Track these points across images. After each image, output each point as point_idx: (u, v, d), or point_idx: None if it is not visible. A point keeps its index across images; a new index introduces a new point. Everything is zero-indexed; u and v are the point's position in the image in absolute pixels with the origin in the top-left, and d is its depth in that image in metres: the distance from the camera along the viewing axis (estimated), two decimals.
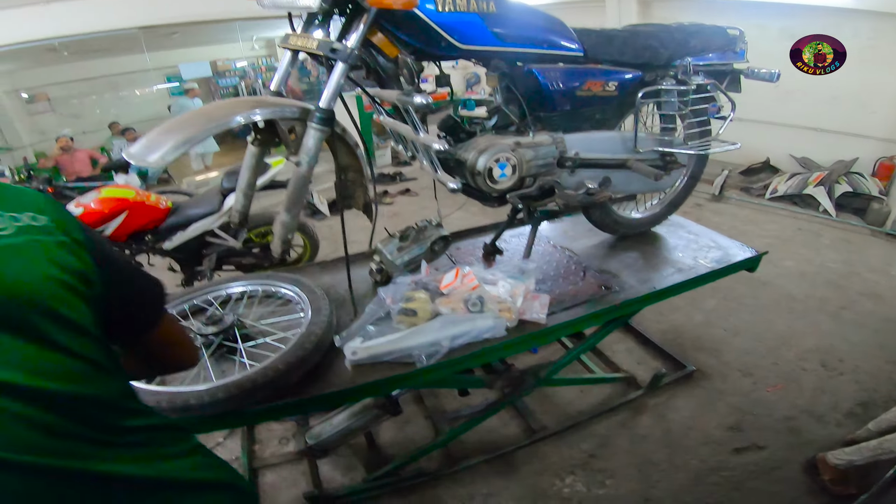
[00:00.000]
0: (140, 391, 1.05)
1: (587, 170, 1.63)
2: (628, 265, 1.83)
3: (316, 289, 1.44)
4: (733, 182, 4.91)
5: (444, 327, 1.33)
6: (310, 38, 1.26)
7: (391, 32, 1.31)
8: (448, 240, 1.70)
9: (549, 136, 1.55)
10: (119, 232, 2.55)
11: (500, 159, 1.45)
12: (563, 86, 1.53)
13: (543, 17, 1.54)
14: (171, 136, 0.96)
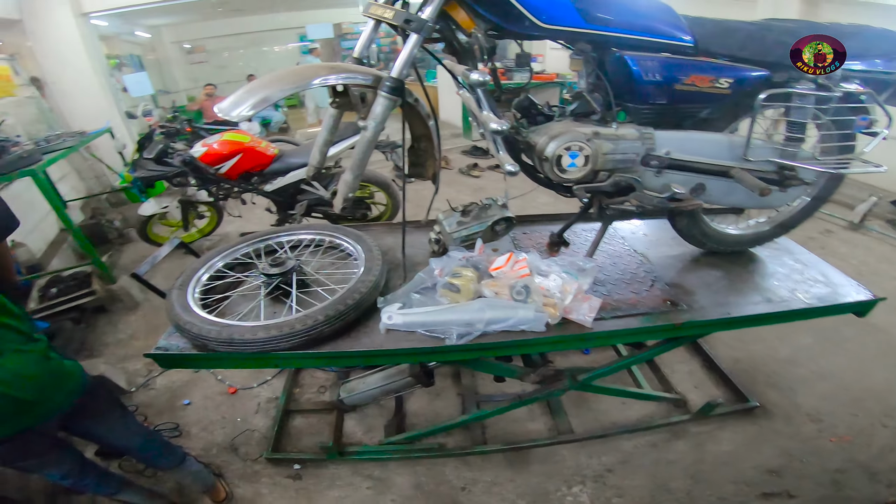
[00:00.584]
0: (199, 319, 1.24)
1: (679, 173, 1.51)
2: (707, 284, 1.69)
3: (374, 248, 1.54)
4: (880, 212, 4.12)
5: (482, 310, 1.35)
6: (388, 8, 1.29)
7: (469, 6, 1.30)
8: (512, 221, 1.69)
9: (635, 130, 1.46)
10: (232, 171, 2.93)
11: (572, 147, 1.39)
12: (659, 77, 1.42)
13: (646, 1, 1.45)
14: (252, 95, 1.09)
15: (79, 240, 3.28)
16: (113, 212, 4.62)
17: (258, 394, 2.37)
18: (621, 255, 1.85)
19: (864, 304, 1.63)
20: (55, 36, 4.81)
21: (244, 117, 1.08)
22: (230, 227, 4.13)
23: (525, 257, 1.50)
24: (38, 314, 2.88)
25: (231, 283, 1.50)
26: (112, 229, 4.25)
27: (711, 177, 1.53)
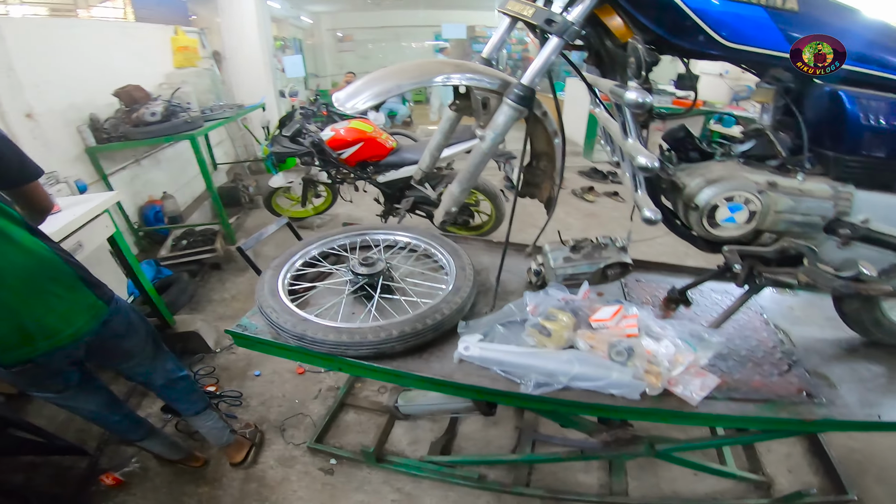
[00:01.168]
0: (281, 306, 1.27)
1: (873, 248, 1.23)
2: (860, 379, 1.40)
3: (467, 266, 1.47)
4: None
5: (571, 362, 1.20)
6: (527, 4, 1.16)
7: (627, 12, 1.12)
8: (628, 268, 1.50)
9: (828, 187, 1.19)
10: (352, 157, 3.12)
11: (735, 199, 1.16)
12: (884, 123, 1.14)
13: (878, 27, 1.18)
14: (368, 88, 1.06)
15: (214, 201, 3.72)
16: (250, 178, 5.21)
17: (322, 379, 2.45)
18: (755, 328, 1.57)
19: None
20: (238, 13, 5.54)
21: (358, 110, 1.06)
22: (341, 209, 4.41)
23: (636, 314, 1.31)
24: (165, 261, 3.34)
25: (321, 273, 1.54)
26: (245, 194, 4.79)
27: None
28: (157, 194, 3.97)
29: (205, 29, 5.52)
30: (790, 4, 1.07)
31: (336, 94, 1.11)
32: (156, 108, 3.32)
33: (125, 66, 3.86)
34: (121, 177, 3.62)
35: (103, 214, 2.17)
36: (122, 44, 3.95)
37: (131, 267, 2.34)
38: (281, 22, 8.40)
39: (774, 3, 1.06)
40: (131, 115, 3.29)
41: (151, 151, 4.03)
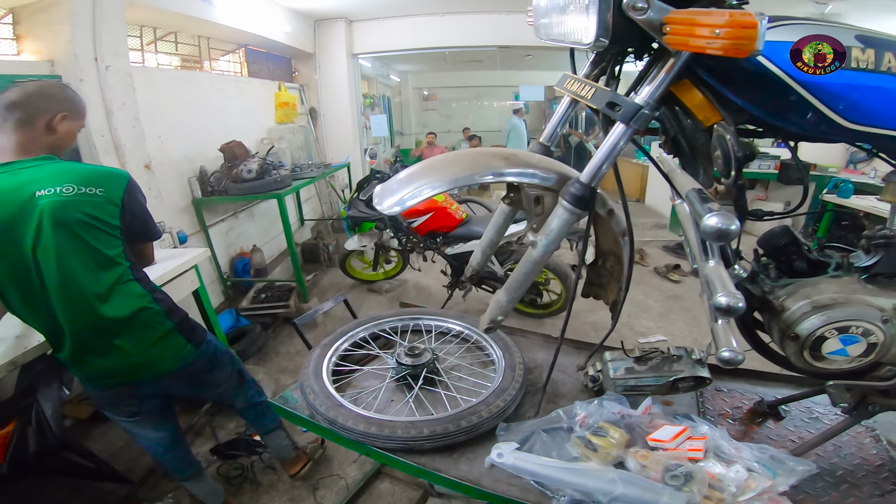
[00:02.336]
0: (319, 387, 1.37)
1: None
2: None
3: (517, 366, 1.48)
4: None
5: (614, 482, 1.14)
6: (587, 83, 1.07)
7: (712, 88, 0.99)
8: (705, 382, 1.39)
9: None
10: (421, 227, 3.29)
11: (850, 330, 1.01)
12: None
13: None
14: (403, 188, 1.05)
15: (292, 259, 4.09)
16: (331, 237, 5.67)
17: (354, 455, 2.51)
18: (861, 446, 1.38)
19: None
20: (333, 71, 6.23)
21: (394, 212, 1.07)
22: (410, 275, 4.62)
23: (706, 435, 1.23)
24: (245, 311, 3.70)
25: (368, 355, 1.64)
26: (325, 252, 5.20)
27: None
28: (248, 246, 4.46)
29: (304, 86, 6.25)
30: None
31: (376, 189, 1.11)
32: (252, 166, 3.77)
33: (235, 119, 4.44)
34: (219, 228, 4.12)
35: (191, 270, 2.49)
36: (234, 97, 4.54)
37: (209, 318, 2.65)
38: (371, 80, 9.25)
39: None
40: (232, 171, 3.76)
41: (248, 205, 4.56)
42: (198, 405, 2.77)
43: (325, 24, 6.04)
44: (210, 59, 4.65)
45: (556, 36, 1.06)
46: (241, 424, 2.65)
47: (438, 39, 6.18)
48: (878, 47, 0.89)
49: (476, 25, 5.96)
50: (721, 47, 0.78)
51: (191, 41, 4.38)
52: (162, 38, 4.00)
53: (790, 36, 0.89)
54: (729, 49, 0.78)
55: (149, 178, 3.11)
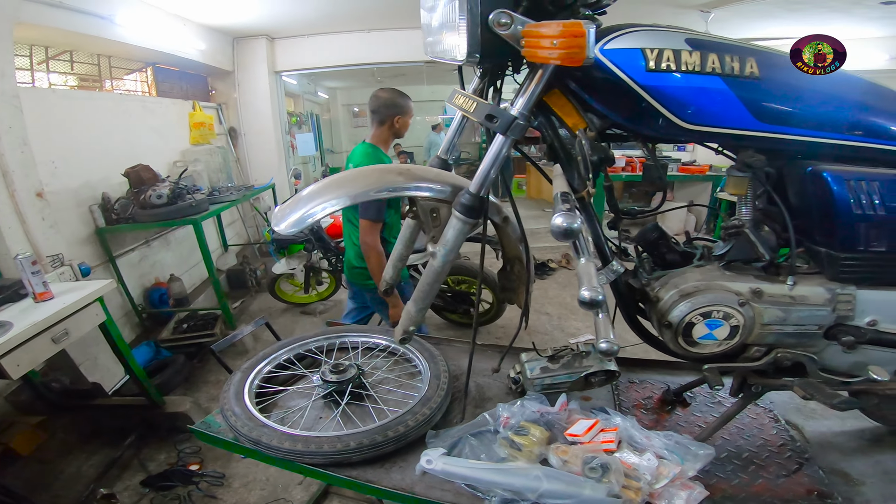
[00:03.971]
0: (241, 409, 1.39)
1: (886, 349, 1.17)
2: (889, 472, 1.42)
3: (443, 374, 1.57)
4: None
5: (539, 479, 1.24)
6: (471, 98, 1.14)
7: (578, 97, 1.09)
8: (614, 375, 1.54)
9: (825, 290, 1.14)
10: None
11: (713, 314, 1.12)
12: (881, 209, 1.06)
13: (862, 86, 1.13)
14: (297, 209, 1.09)
15: (216, 289, 4.02)
16: (258, 261, 5.57)
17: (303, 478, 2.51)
18: (762, 425, 1.55)
19: None
20: (254, 88, 6.19)
21: (291, 233, 1.10)
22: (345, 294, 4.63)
23: (616, 426, 1.36)
24: (165, 343, 3.61)
25: (293, 375, 1.67)
26: (253, 277, 5.10)
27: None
28: (165, 276, 4.31)
29: (222, 104, 6.15)
30: (750, 70, 1.02)
31: (274, 210, 1.20)
32: (162, 191, 3.67)
33: (143, 141, 4.32)
34: (129, 258, 3.97)
35: (94, 303, 2.41)
36: (141, 118, 4.41)
37: (121, 352, 2.61)
38: (297, 97, 9.22)
39: (733, 70, 1.02)
40: (139, 197, 3.64)
41: (161, 233, 4.42)
42: (121, 438, 2.70)
43: (244, 41, 6.02)
44: (113, 78, 4.51)
45: (438, 53, 1.15)
46: (172, 455, 2.61)
47: (365, 56, 6.32)
48: (704, 49, 1.01)
49: (402, 41, 6.16)
50: (558, 57, 0.89)
51: (89, 60, 4.23)
52: (54, 57, 3.84)
53: (635, 43, 1.01)
54: (565, 58, 0.89)
55: (42, 207, 2.95)
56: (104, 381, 3.07)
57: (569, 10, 1.03)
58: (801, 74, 1.04)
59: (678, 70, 0.99)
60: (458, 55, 1.04)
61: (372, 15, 5.55)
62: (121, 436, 2.72)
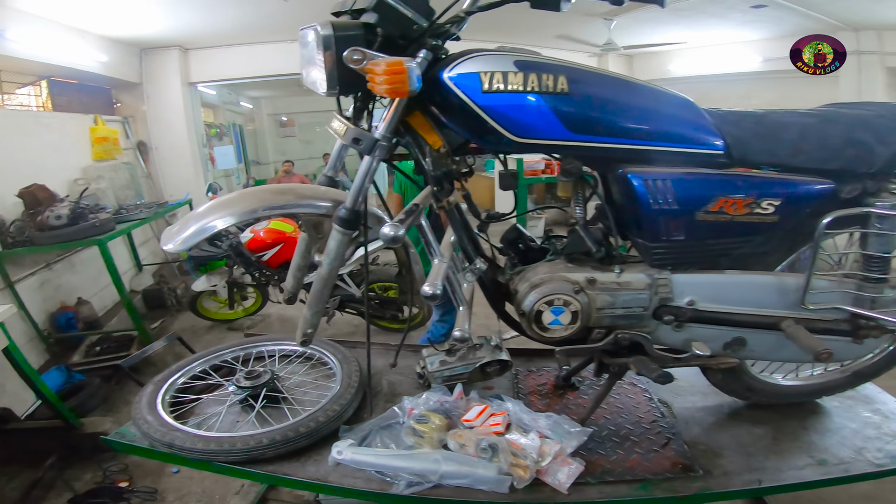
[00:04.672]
0: (155, 417, 1.47)
1: (709, 326, 1.38)
2: (742, 444, 1.58)
3: (354, 374, 1.71)
4: None
5: (438, 461, 1.40)
6: (342, 121, 1.27)
7: (435, 117, 1.25)
8: (508, 364, 1.74)
9: (645, 276, 1.33)
10: (272, 260, 3.44)
11: (555, 302, 1.30)
12: (674, 204, 1.24)
13: (654, 95, 1.31)
14: (186, 228, 1.20)
15: (128, 309, 3.94)
16: (178, 280, 5.44)
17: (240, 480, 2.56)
18: (638, 405, 1.76)
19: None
20: (165, 100, 6.01)
21: (177, 251, 1.22)
22: (273, 308, 4.66)
23: (504, 411, 1.55)
24: (78, 366, 3.56)
25: (209, 385, 1.75)
26: (172, 297, 5.00)
27: (755, 330, 1.38)
28: (71, 300, 4.14)
29: (129, 118, 5.94)
30: (561, 87, 1.16)
31: (165, 230, 1.27)
32: (61, 211, 3.54)
33: (39, 160, 4.13)
34: (29, 283, 3.80)
35: None
36: (35, 135, 4.22)
37: (29, 377, 2.59)
38: (216, 108, 9.02)
39: (548, 87, 1.15)
40: (36, 219, 3.49)
41: (64, 255, 4.23)
42: (41, 460, 2.64)
43: (154, 52, 5.87)
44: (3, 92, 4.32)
45: (309, 85, 1.29)
46: (98, 475, 2.59)
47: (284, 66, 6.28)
48: (527, 69, 1.15)
49: None
50: (385, 91, 1.06)
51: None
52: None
53: (474, 67, 1.16)
54: (390, 92, 1.06)
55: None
56: (14, 406, 3.00)
57: (418, 44, 1.18)
58: (603, 88, 1.25)
59: (506, 90, 1.15)
60: (321, 88, 1.19)
61: (294, 26, 5.58)
62: (40, 458, 2.65)
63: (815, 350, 1.27)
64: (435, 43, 1.17)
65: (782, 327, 1.33)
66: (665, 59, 7.44)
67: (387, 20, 1.16)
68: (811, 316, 1.35)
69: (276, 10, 4.66)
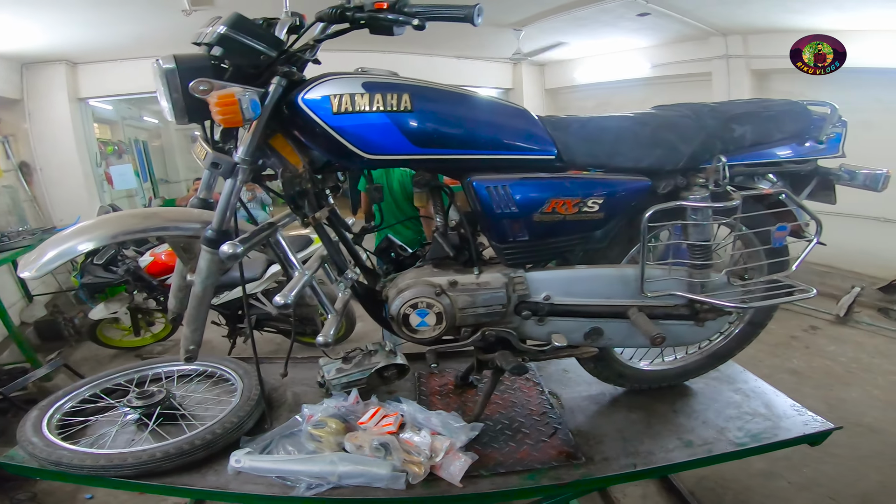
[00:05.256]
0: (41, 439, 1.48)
1: (567, 319, 1.53)
2: (623, 429, 1.74)
3: (254, 388, 1.75)
4: (868, 301, 4.47)
5: (335, 463, 1.49)
6: (204, 146, 1.32)
7: (295, 138, 1.33)
8: (405, 368, 1.84)
9: (501, 276, 1.47)
10: None
11: (419, 305, 1.40)
12: (512, 207, 1.37)
13: (491, 107, 1.42)
14: (44, 254, 1.23)
15: (17, 342, 3.73)
16: (75, 309, 5.15)
17: (165, 498, 2.46)
18: (531, 398, 1.89)
19: (816, 435, 1.68)
20: (51, 118, 5.68)
21: (35, 277, 1.24)
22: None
23: (397, 412, 1.65)
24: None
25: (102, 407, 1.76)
26: (69, 326, 4.75)
27: (609, 319, 1.53)
28: None
29: (9, 137, 5.54)
30: (405, 105, 1.25)
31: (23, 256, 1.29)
32: None
33: None
34: None
35: None
36: None
37: None
38: (114, 125, 8.57)
39: (393, 106, 1.24)
40: None
41: None
42: None
43: (37, 67, 5.54)
44: None
45: (166, 115, 1.31)
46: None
47: None
48: (374, 90, 1.25)
49: None
50: (221, 121, 1.14)
51: None
52: None
53: (325, 91, 1.25)
54: (226, 122, 1.14)
55: None
56: None
57: (270, 71, 1.26)
58: (444, 104, 1.34)
59: (354, 111, 1.24)
60: (170, 117, 1.26)
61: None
62: None
63: (650, 334, 1.42)
64: (287, 69, 1.25)
65: (628, 315, 1.48)
66: (571, 68, 7.91)
67: (233, 52, 1.25)
68: (652, 303, 1.51)
69: (176, 22, 4.57)
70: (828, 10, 4.43)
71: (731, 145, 1.48)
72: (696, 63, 6.04)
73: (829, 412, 2.83)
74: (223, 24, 1.24)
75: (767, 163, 1.54)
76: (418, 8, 1.18)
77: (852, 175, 1.56)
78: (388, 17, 1.18)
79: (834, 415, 2.76)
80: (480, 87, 8.56)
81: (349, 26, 1.25)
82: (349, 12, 1.23)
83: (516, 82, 8.55)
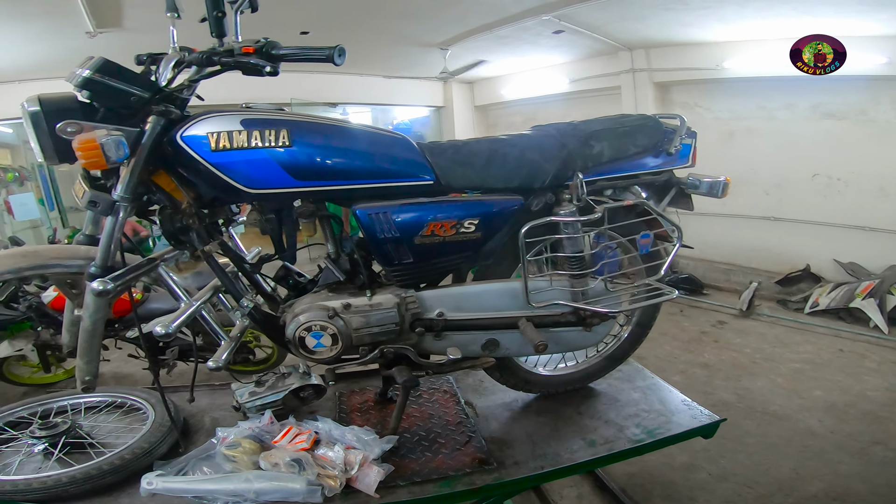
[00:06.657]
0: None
1: (463, 333, 1.64)
2: (532, 433, 1.86)
3: (164, 417, 1.81)
4: (768, 293, 5.06)
5: (251, 480, 1.59)
6: (82, 185, 1.35)
7: (177, 173, 1.39)
8: (321, 388, 1.92)
9: (392, 297, 1.57)
10: None
11: (314, 328, 1.48)
12: (394, 232, 1.47)
13: (370, 138, 1.51)
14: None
15: None
16: None
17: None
18: (447, 409, 2.01)
19: (705, 427, 1.85)
20: None
21: None
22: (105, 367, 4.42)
23: (310, 430, 1.74)
24: None
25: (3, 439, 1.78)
26: None
27: (502, 330, 1.65)
28: None
29: None
30: (283, 141, 1.34)
31: None
32: None
33: None
34: None
35: None
36: None
37: None
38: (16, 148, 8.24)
39: (271, 142, 1.33)
40: None
41: None
42: None
43: None
44: None
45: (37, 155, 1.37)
46: None
47: None
48: (252, 127, 1.33)
49: None
50: (86, 164, 1.20)
51: None
52: None
53: (204, 129, 1.32)
54: (90, 165, 1.19)
55: None
56: None
57: (145, 111, 1.32)
58: (322, 137, 1.43)
59: (232, 148, 1.32)
60: (38, 158, 1.32)
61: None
62: None
63: (534, 342, 1.54)
64: (164, 108, 1.32)
65: (518, 325, 1.60)
66: (499, 85, 8.30)
67: (100, 95, 1.30)
68: (540, 313, 1.63)
69: (83, 44, 4.56)
70: (713, 23, 4.93)
71: (590, 161, 1.64)
72: (607, 77, 6.53)
73: (738, 402, 3.27)
74: (88, 67, 1.29)
75: (626, 176, 1.72)
76: (285, 51, 1.27)
77: (698, 183, 1.75)
78: (254, 62, 1.27)
79: (743, 405, 3.22)
80: (413, 106, 9.01)
81: (220, 69, 1.34)
82: (217, 57, 1.31)
83: (447, 100, 8.89)
